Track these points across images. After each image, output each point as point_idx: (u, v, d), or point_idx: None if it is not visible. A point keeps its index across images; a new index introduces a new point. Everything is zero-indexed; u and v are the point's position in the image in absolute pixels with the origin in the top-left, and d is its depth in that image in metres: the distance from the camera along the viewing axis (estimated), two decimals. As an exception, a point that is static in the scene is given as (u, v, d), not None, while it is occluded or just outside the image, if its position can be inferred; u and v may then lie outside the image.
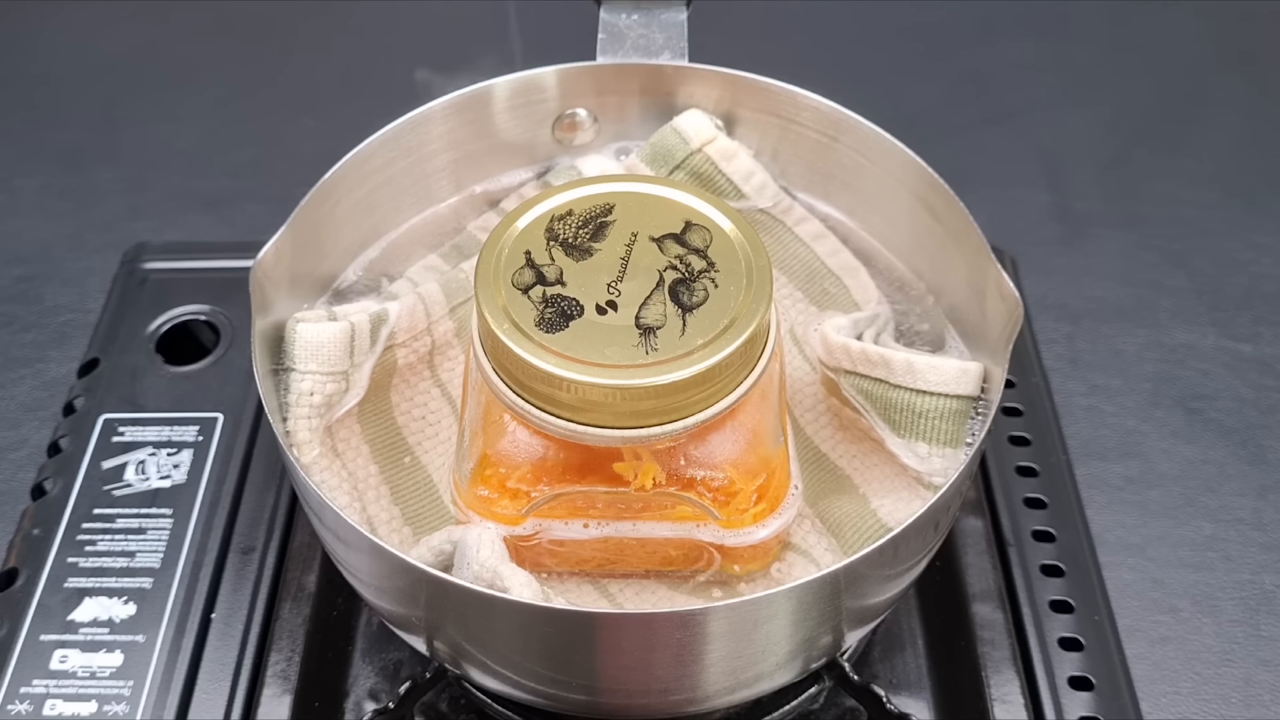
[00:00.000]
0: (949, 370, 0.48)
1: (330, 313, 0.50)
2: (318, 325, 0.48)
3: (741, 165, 0.56)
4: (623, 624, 0.42)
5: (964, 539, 0.57)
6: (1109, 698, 0.52)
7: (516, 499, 0.45)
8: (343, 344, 0.48)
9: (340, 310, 0.51)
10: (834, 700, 0.53)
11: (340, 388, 0.49)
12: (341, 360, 0.49)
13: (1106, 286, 0.74)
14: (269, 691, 0.52)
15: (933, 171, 0.52)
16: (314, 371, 0.48)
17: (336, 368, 0.48)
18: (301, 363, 0.48)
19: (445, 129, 0.57)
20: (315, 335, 0.48)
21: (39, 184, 0.81)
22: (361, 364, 0.50)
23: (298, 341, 0.48)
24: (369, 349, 0.50)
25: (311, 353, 0.48)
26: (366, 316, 0.50)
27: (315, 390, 0.48)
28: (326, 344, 0.48)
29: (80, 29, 0.92)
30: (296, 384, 0.48)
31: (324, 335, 0.48)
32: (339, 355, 0.48)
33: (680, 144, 0.56)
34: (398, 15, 0.92)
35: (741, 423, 0.45)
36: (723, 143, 0.56)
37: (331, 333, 0.48)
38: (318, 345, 0.48)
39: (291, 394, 0.48)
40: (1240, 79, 0.88)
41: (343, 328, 0.49)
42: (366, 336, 0.50)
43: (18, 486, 0.62)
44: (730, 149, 0.56)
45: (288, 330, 0.49)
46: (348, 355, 0.49)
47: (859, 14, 0.91)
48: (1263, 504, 0.63)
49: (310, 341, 0.48)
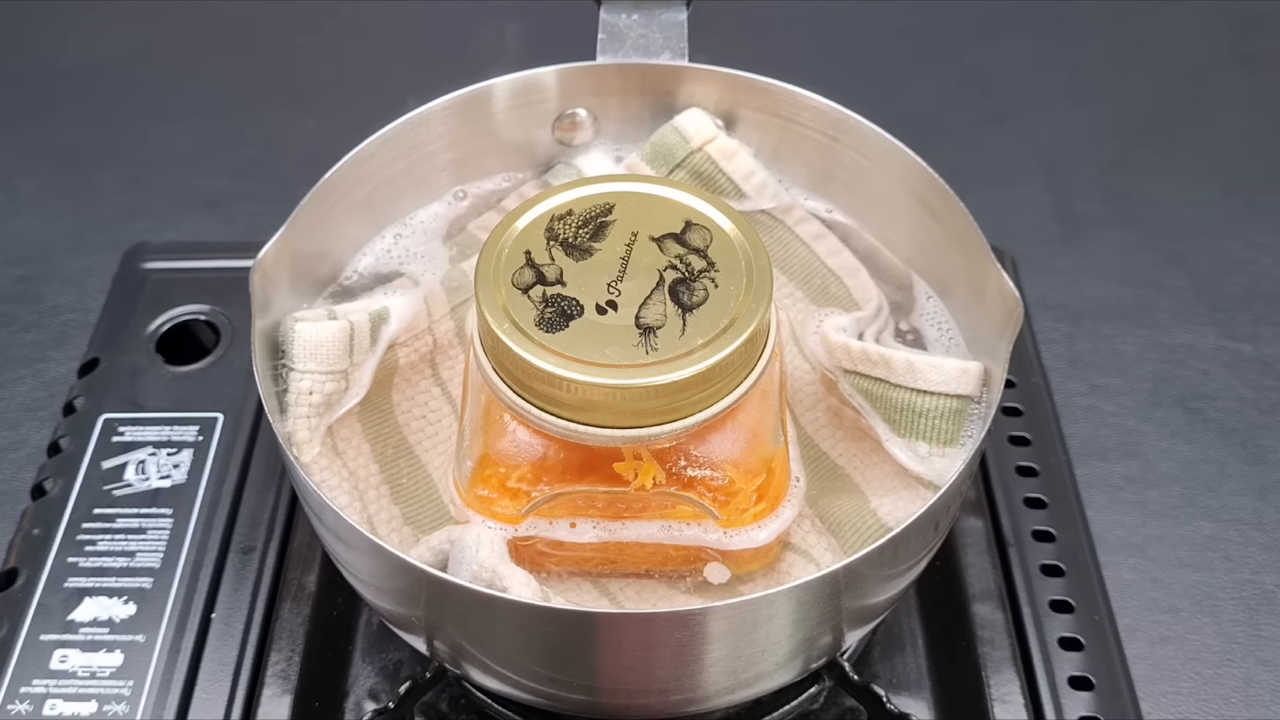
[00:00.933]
0: (949, 370, 0.48)
1: (330, 312, 0.50)
2: (316, 324, 0.48)
3: (742, 164, 0.56)
4: (623, 624, 0.42)
5: (964, 539, 0.57)
6: (1109, 698, 0.52)
7: (516, 499, 0.45)
8: (342, 343, 0.48)
9: (340, 309, 0.51)
10: (834, 700, 0.53)
11: (340, 387, 0.49)
12: (341, 359, 0.49)
13: (1106, 286, 0.74)
14: (269, 691, 0.52)
15: (933, 171, 0.52)
16: (313, 371, 0.48)
17: (336, 367, 0.48)
18: (300, 362, 0.48)
19: (445, 129, 0.57)
20: (314, 334, 0.48)
21: (39, 184, 0.81)
22: (362, 363, 0.50)
23: (296, 341, 0.48)
24: (369, 348, 0.50)
25: (310, 352, 0.48)
26: (366, 315, 0.50)
27: (314, 389, 0.48)
28: (325, 343, 0.48)
29: (80, 29, 0.92)
30: (295, 383, 0.48)
31: (322, 334, 0.48)
32: (338, 354, 0.48)
33: (680, 143, 0.56)
34: (398, 15, 0.92)
35: (741, 422, 0.45)
36: (723, 142, 0.56)
37: (330, 332, 0.48)
38: (316, 344, 0.48)
39: (291, 393, 0.48)
40: (1240, 79, 0.88)
41: (341, 327, 0.48)
42: (366, 335, 0.50)
43: (18, 486, 0.62)
44: (730, 148, 0.56)
45: (285, 328, 0.49)
46: (347, 354, 0.49)
47: (859, 14, 0.91)
48: (1263, 504, 0.63)
49: (309, 341, 0.48)
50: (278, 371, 0.49)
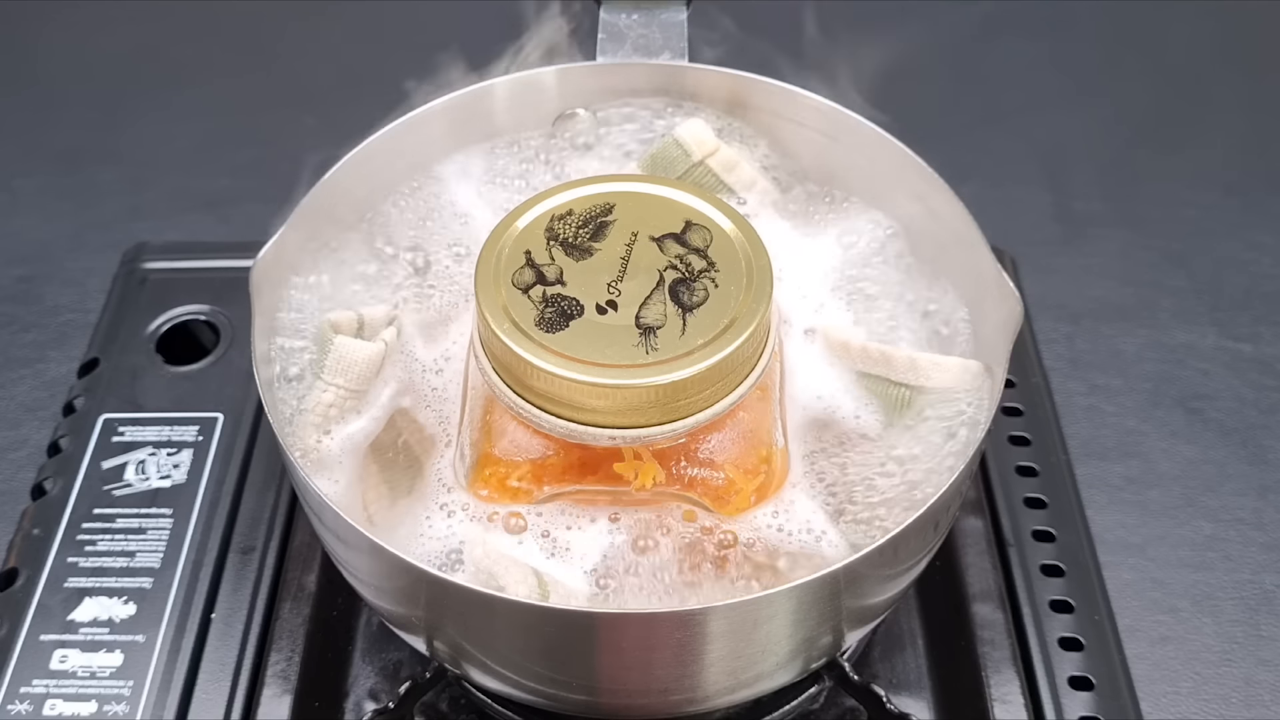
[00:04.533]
0: (950, 367, 0.48)
1: (359, 316, 0.50)
2: (356, 343, 0.48)
3: (744, 175, 0.56)
4: (623, 624, 0.42)
5: (964, 539, 0.57)
6: (1109, 698, 0.52)
7: (516, 498, 0.45)
8: (375, 366, 0.48)
9: (368, 315, 0.50)
10: (834, 700, 0.53)
11: (356, 404, 0.49)
12: (368, 380, 0.48)
13: (1106, 286, 0.74)
14: (269, 691, 0.52)
15: (933, 171, 0.52)
16: (340, 386, 0.48)
17: (361, 386, 0.48)
18: (330, 374, 0.48)
19: (445, 129, 0.57)
20: (351, 352, 0.48)
21: (39, 184, 0.81)
22: (381, 389, 0.49)
23: (333, 353, 0.48)
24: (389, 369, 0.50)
25: (344, 368, 0.48)
26: (395, 333, 0.50)
27: (335, 404, 0.48)
28: (360, 363, 0.48)
29: (80, 29, 0.92)
30: (319, 392, 0.48)
31: (359, 355, 0.48)
32: (368, 376, 0.48)
33: (682, 156, 0.55)
34: (398, 15, 0.92)
35: (741, 423, 0.45)
36: (725, 154, 0.55)
37: (368, 354, 0.48)
38: (351, 362, 0.48)
39: (310, 398, 0.48)
40: (1240, 79, 0.88)
41: (378, 350, 0.48)
42: (392, 355, 0.50)
43: (18, 486, 0.62)
44: (731, 160, 0.55)
45: (322, 332, 0.48)
46: (375, 375, 0.49)
47: (859, 14, 0.91)
48: (1263, 504, 0.63)
49: (344, 357, 0.48)
50: (280, 371, 0.49)
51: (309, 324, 0.52)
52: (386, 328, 0.50)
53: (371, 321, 0.50)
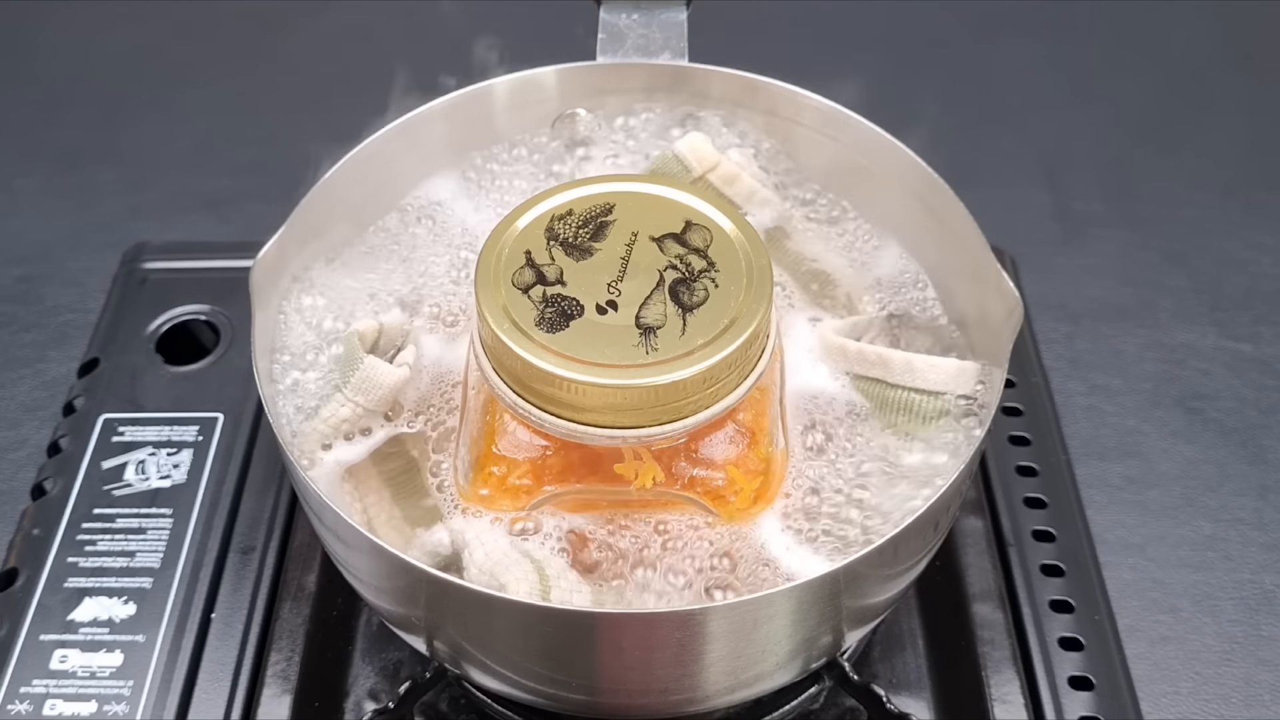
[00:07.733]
0: (948, 369, 0.48)
1: (380, 325, 0.50)
2: (385, 367, 0.48)
3: (744, 187, 0.55)
4: (623, 624, 0.42)
5: (964, 539, 0.57)
6: (1109, 698, 0.52)
7: (516, 498, 0.45)
8: (397, 390, 0.48)
9: (387, 323, 0.50)
10: (834, 700, 0.53)
11: (369, 422, 0.49)
12: (387, 403, 0.49)
13: (1106, 286, 0.74)
14: (269, 691, 0.52)
15: (933, 171, 0.52)
16: (360, 404, 0.48)
17: (380, 408, 0.48)
18: (353, 390, 0.48)
19: (445, 129, 0.57)
20: (379, 375, 0.48)
21: (39, 184, 0.81)
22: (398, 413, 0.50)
23: (360, 371, 0.48)
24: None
25: (368, 389, 0.48)
26: (414, 354, 0.50)
27: (350, 419, 0.48)
28: (384, 387, 0.48)
29: (80, 29, 0.92)
30: (338, 405, 0.48)
31: (387, 380, 0.48)
32: (389, 400, 0.48)
33: (682, 172, 0.55)
34: (398, 15, 0.92)
35: (741, 423, 0.45)
36: (725, 168, 0.55)
37: (395, 380, 0.48)
38: (376, 385, 0.48)
39: (327, 409, 0.48)
40: (1240, 79, 0.88)
41: (403, 375, 0.48)
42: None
43: (18, 486, 0.62)
44: (732, 173, 0.55)
45: (350, 348, 0.48)
46: (394, 398, 0.49)
47: (859, 14, 0.91)
48: (1263, 504, 0.63)
49: (371, 379, 0.48)
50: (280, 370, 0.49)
51: (309, 324, 0.52)
52: (407, 349, 0.50)
53: (389, 330, 0.50)
